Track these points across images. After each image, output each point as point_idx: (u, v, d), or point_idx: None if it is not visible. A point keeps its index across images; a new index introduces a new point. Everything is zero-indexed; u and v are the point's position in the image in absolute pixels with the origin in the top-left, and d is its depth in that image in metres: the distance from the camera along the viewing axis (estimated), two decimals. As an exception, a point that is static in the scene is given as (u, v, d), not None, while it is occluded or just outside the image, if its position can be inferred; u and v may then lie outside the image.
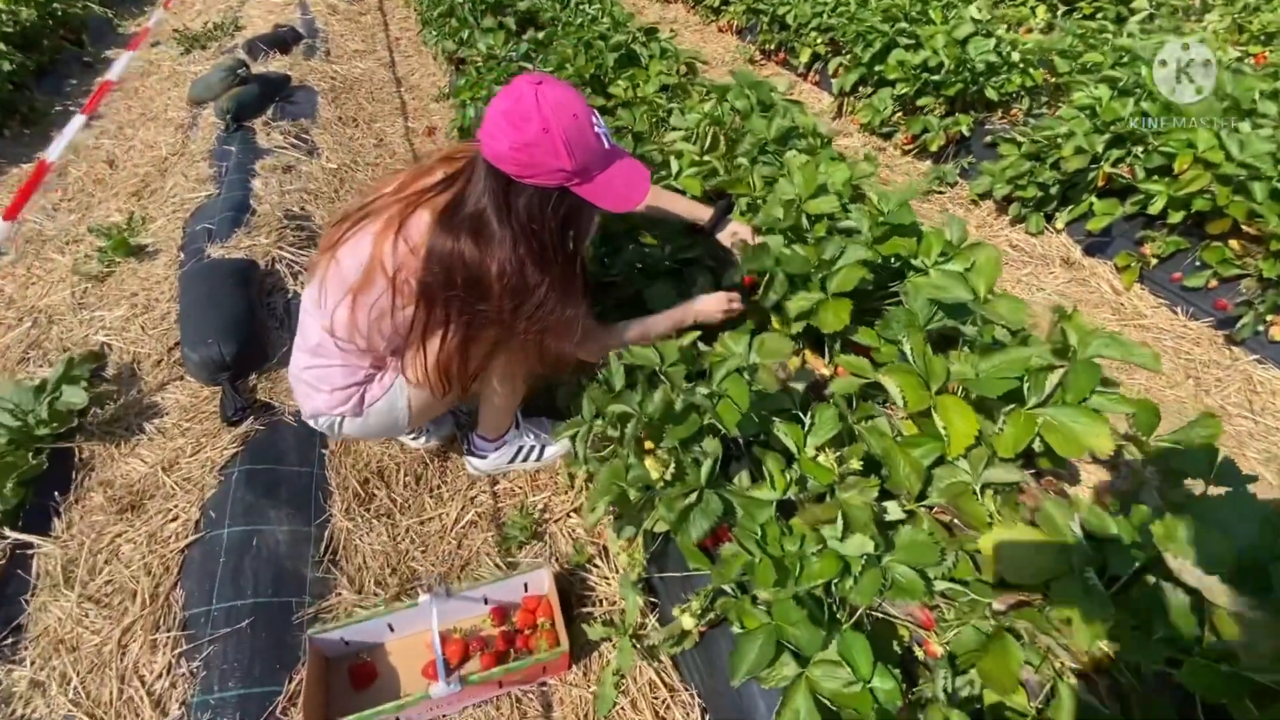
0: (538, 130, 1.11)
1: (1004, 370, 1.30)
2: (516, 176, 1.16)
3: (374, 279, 1.28)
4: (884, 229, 1.74)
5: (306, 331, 1.41)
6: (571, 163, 1.14)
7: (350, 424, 1.47)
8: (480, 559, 1.64)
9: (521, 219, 1.21)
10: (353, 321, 1.31)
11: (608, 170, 1.21)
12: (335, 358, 1.40)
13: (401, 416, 1.50)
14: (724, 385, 1.31)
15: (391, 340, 1.40)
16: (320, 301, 1.35)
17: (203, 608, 1.47)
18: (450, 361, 1.36)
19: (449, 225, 1.23)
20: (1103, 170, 2.50)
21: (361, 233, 1.30)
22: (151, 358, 2.12)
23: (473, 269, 1.22)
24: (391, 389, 1.46)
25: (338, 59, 4.58)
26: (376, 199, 1.34)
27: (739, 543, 1.21)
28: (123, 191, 3.12)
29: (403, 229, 1.25)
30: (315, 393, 1.43)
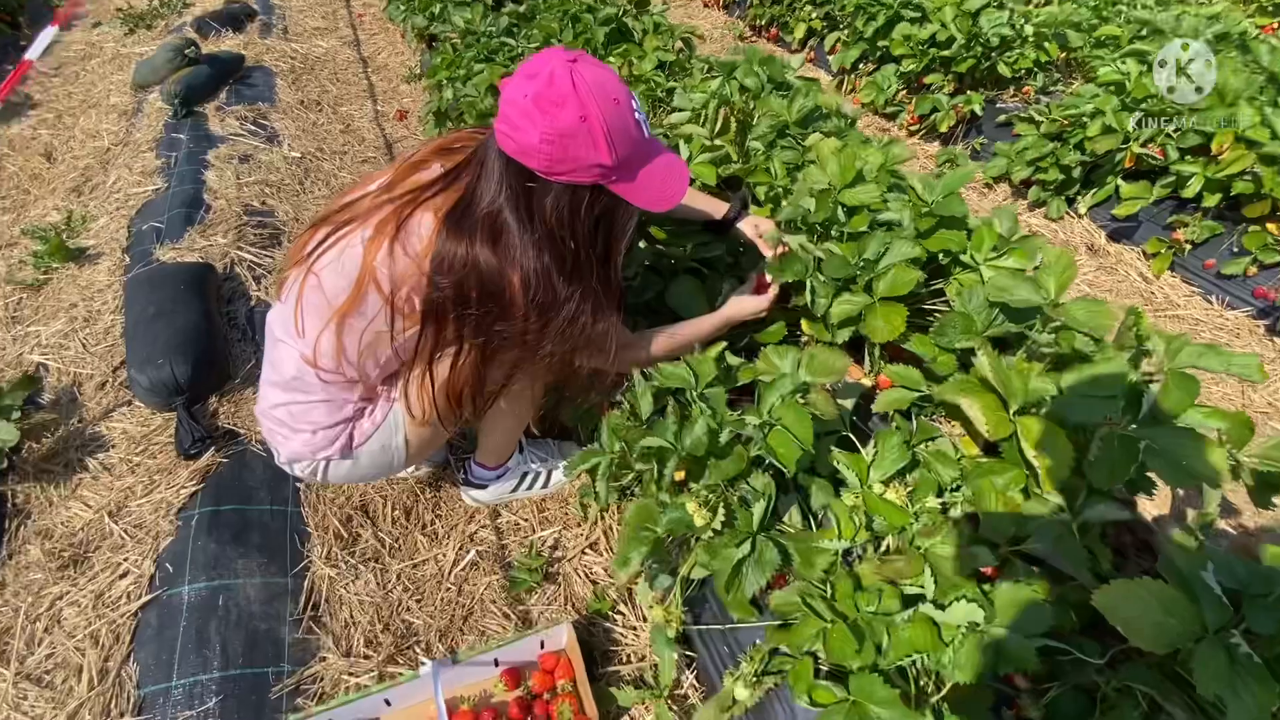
0: (574, 118, 0.91)
1: (1097, 387, 1.12)
2: (544, 172, 0.96)
3: (365, 297, 1.06)
4: (930, 221, 1.55)
5: (279, 363, 1.18)
6: (611, 157, 0.94)
7: (337, 468, 1.25)
8: (485, 607, 1.44)
9: (548, 222, 1.01)
10: (340, 349, 1.09)
11: (649, 165, 1.02)
12: (317, 392, 1.18)
13: (398, 455, 1.29)
14: (777, 413, 1.11)
15: (387, 368, 1.19)
16: (297, 326, 1.12)
17: (161, 685, 1.25)
18: (462, 388, 1.15)
19: (458, 229, 1.01)
20: (1131, 150, 2.35)
21: (346, 241, 1.07)
22: (94, 379, 1.86)
23: (490, 281, 1.02)
24: (385, 424, 1.24)
25: (297, 37, 4.24)
26: (361, 198, 1.11)
27: (804, 602, 1.02)
28: (61, 187, 2.80)
29: (400, 235, 1.03)
30: (293, 434, 1.20)
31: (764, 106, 1.99)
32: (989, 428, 1.10)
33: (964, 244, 1.54)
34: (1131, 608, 0.92)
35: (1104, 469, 1.08)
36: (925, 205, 1.58)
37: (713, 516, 1.06)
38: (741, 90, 2.18)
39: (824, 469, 1.25)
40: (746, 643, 1.21)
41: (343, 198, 1.13)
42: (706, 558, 1.11)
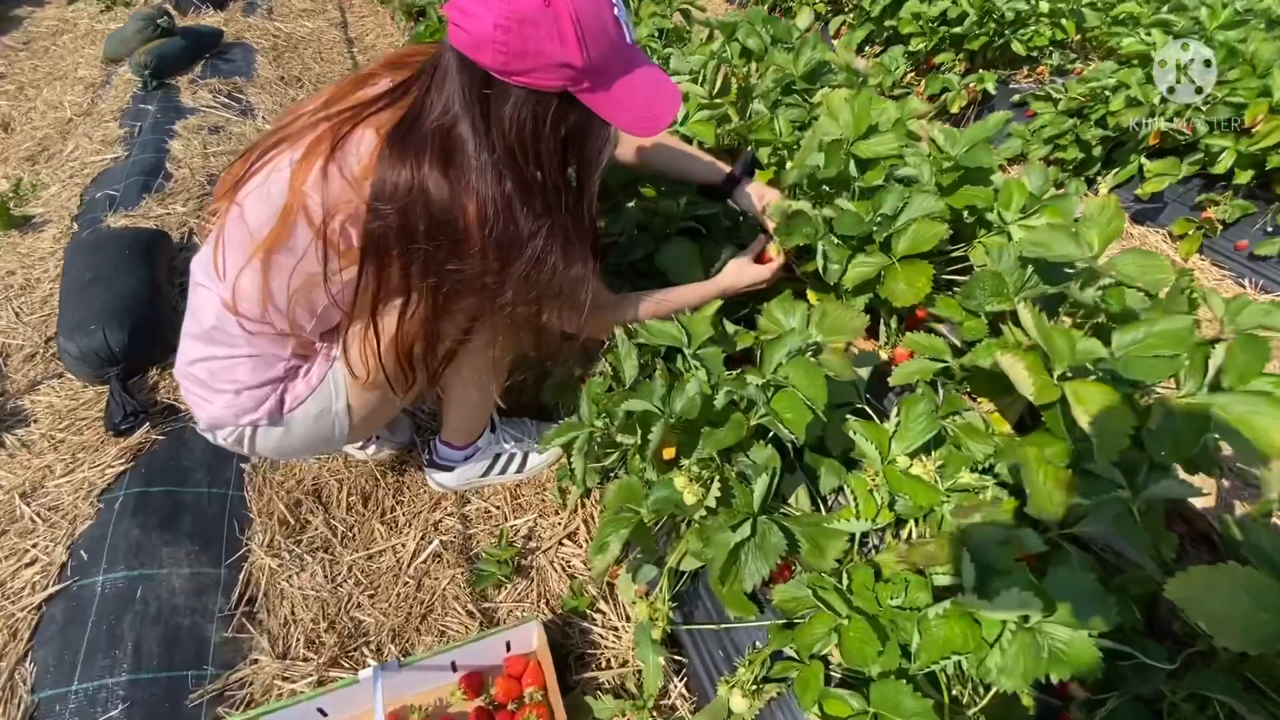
0: (537, 1, 0.73)
1: (1157, 345, 0.96)
2: (500, 71, 0.79)
3: (294, 228, 0.88)
4: (953, 176, 1.39)
5: (197, 310, 1.01)
6: (581, 55, 0.77)
7: (265, 436, 1.07)
8: (447, 604, 1.26)
9: (507, 136, 0.83)
10: (266, 293, 0.92)
11: (629, 75, 0.84)
12: (240, 345, 1.00)
13: (339, 424, 1.10)
14: (783, 372, 0.94)
15: (324, 318, 1.01)
16: (217, 266, 0.95)
17: (60, 689, 1.07)
18: (412, 344, 0.98)
19: (403, 146, 0.84)
20: (1157, 126, 2.20)
21: (273, 165, 0.90)
22: (24, 350, 1.68)
23: (440, 210, 0.84)
24: (323, 387, 1.06)
25: (282, 17, 4.09)
26: (293, 120, 0.94)
27: (815, 595, 0.85)
28: (14, 157, 2.63)
29: (335, 155, 0.86)
30: (213, 394, 1.02)
31: (769, 62, 1.83)
32: (1035, 390, 0.93)
33: (990, 201, 1.38)
34: (1217, 600, 0.76)
35: (1168, 440, 0.92)
36: (948, 158, 1.42)
37: (705, 493, 0.89)
38: (744, 53, 2.03)
39: (835, 446, 1.08)
40: (745, 646, 1.03)
41: (276, 123, 0.97)
42: (699, 545, 0.93)
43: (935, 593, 0.85)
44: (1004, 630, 0.75)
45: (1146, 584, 0.88)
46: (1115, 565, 0.97)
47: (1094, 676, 0.75)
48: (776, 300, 1.11)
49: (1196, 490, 0.89)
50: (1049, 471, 0.86)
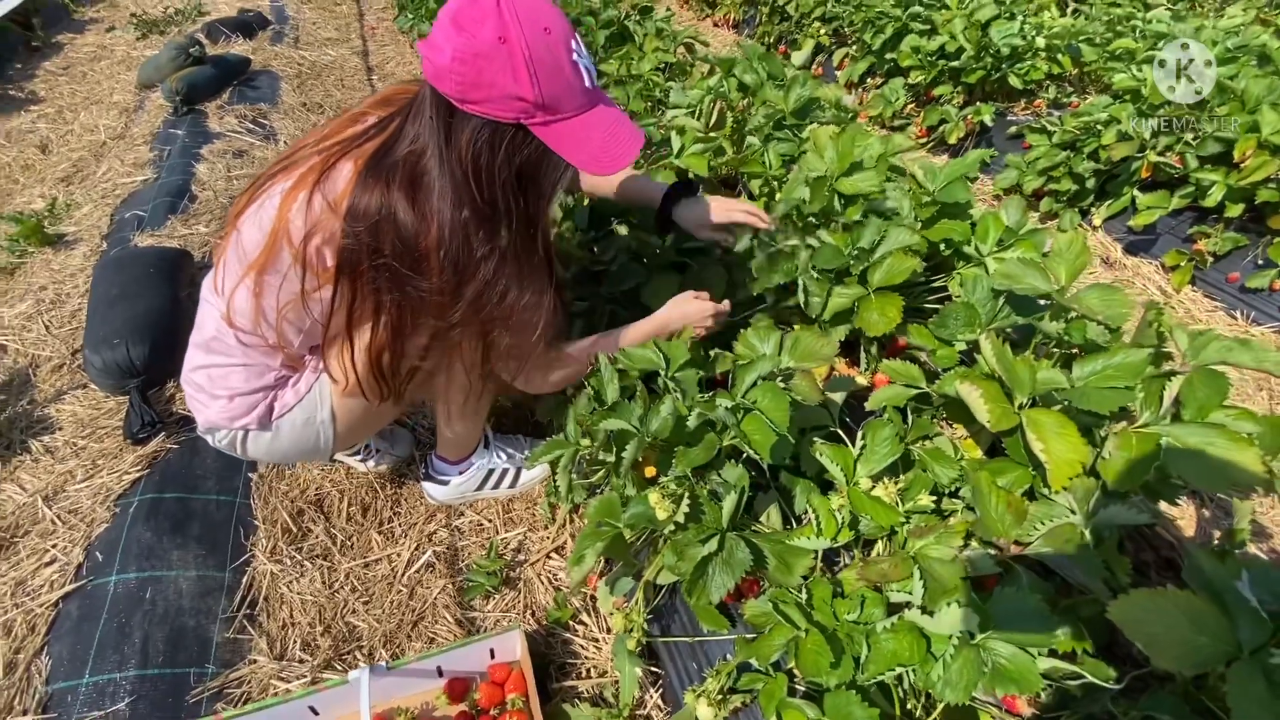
0: (491, 38, 0.81)
1: (1112, 378, 1.01)
2: (458, 99, 0.86)
3: (279, 251, 0.97)
4: (931, 210, 1.45)
5: (202, 323, 1.11)
6: (533, 90, 0.83)
7: (255, 440, 1.15)
8: (437, 613, 1.32)
9: (464, 162, 0.90)
10: (257, 308, 1.01)
11: (585, 115, 0.90)
12: (236, 355, 1.09)
13: (324, 432, 1.18)
14: (752, 396, 1.00)
15: (309, 333, 1.09)
16: (217, 284, 1.05)
17: (72, 681, 1.14)
18: (380, 354, 1.05)
19: (376, 172, 0.92)
20: (1148, 159, 2.25)
21: (266, 193, 1.00)
22: (52, 361, 1.78)
23: (405, 229, 0.92)
24: (309, 396, 1.14)
25: (307, 45, 4.27)
26: (294, 152, 1.03)
27: (776, 608, 0.90)
28: (50, 177, 2.77)
29: (320, 184, 0.95)
30: (211, 400, 1.11)
31: (760, 97, 1.91)
32: (991, 418, 0.98)
33: (968, 234, 1.44)
34: (1154, 622, 0.79)
35: (1121, 467, 0.96)
36: (926, 193, 1.48)
37: (676, 509, 0.94)
38: (740, 88, 2.11)
39: (810, 468, 1.13)
40: (717, 659, 1.08)
41: (283, 155, 1.06)
42: (673, 559, 0.98)
43: (890, 609, 0.90)
44: (949, 645, 0.79)
45: (1097, 607, 0.92)
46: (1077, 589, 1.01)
47: (1035, 692, 0.79)
48: (753, 328, 1.16)
49: (1148, 517, 0.93)
50: (1000, 495, 0.91)
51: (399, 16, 4.38)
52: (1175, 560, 1.20)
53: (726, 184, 1.99)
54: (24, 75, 3.91)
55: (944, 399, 1.19)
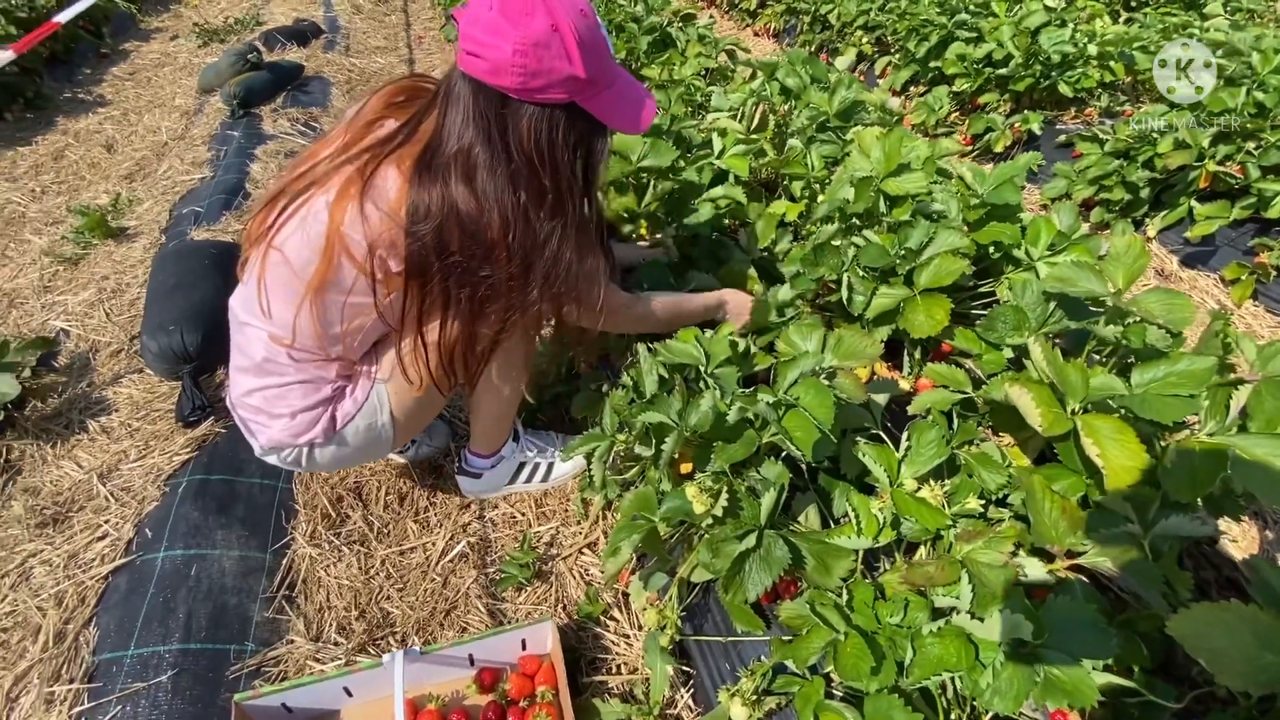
0: (545, 26, 0.84)
1: (1175, 385, 0.96)
2: (517, 91, 0.88)
3: (338, 266, 0.98)
4: (980, 212, 1.42)
5: (246, 346, 1.09)
6: (585, 69, 0.88)
7: (322, 452, 1.16)
8: (469, 602, 1.32)
9: (526, 149, 0.93)
10: (321, 326, 1.02)
11: (617, 84, 0.96)
12: (290, 373, 1.09)
13: (385, 433, 1.19)
14: (794, 392, 0.99)
15: (366, 340, 1.12)
16: (262, 306, 1.03)
17: (117, 653, 1.17)
18: (453, 348, 1.07)
19: (430, 172, 0.94)
20: (1207, 168, 2.17)
21: (308, 208, 0.99)
22: (111, 347, 1.85)
23: (470, 222, 0.94)
24: (368, 403, 1.15)
25: (357, 53, 4.40)
26: (316, 164, 1.03)
27: (813, 609, 0.88)
28: (115, 174, 2.91)
29: (366, 193, 0.95)
30: (271, 420, 1.11)
31: (804, 100, 1.90)
32: (1044, 423, 0.95)
33: (1018, 238, 1.40)
34: (1218, 637, 0.75)
35: (1183, 478, 0.91)
36: (975, 195, 1.45)
37: (713, 503, 0.93)
38: (783, 91, 2.10)
39: (851, 472, 1.11)
40: (751, 660, 1.06)
41: (298, 167, 1.05)
42: (709, 556, 0.97)
43: (935, 614, 0.87)
44: (998, 652, 0.76)
45: (1155, 621, 0.88)
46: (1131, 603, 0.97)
47: (1089, 707, 0.75)
48: (794, 325, 1.15)
49: (1210, 530, 0.88)
50: (1054, 500, 0.87)
51: (445, 25, 4.49)
52: (1239, 580, 1.14)
53: (767, 186, 1.98)
54: (93, 80, 4.12)
55: (990, 405, 1.16)
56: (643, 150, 1.57)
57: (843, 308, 1.42)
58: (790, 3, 4.44)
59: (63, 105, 3.74)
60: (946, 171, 1.63)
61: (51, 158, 3.12)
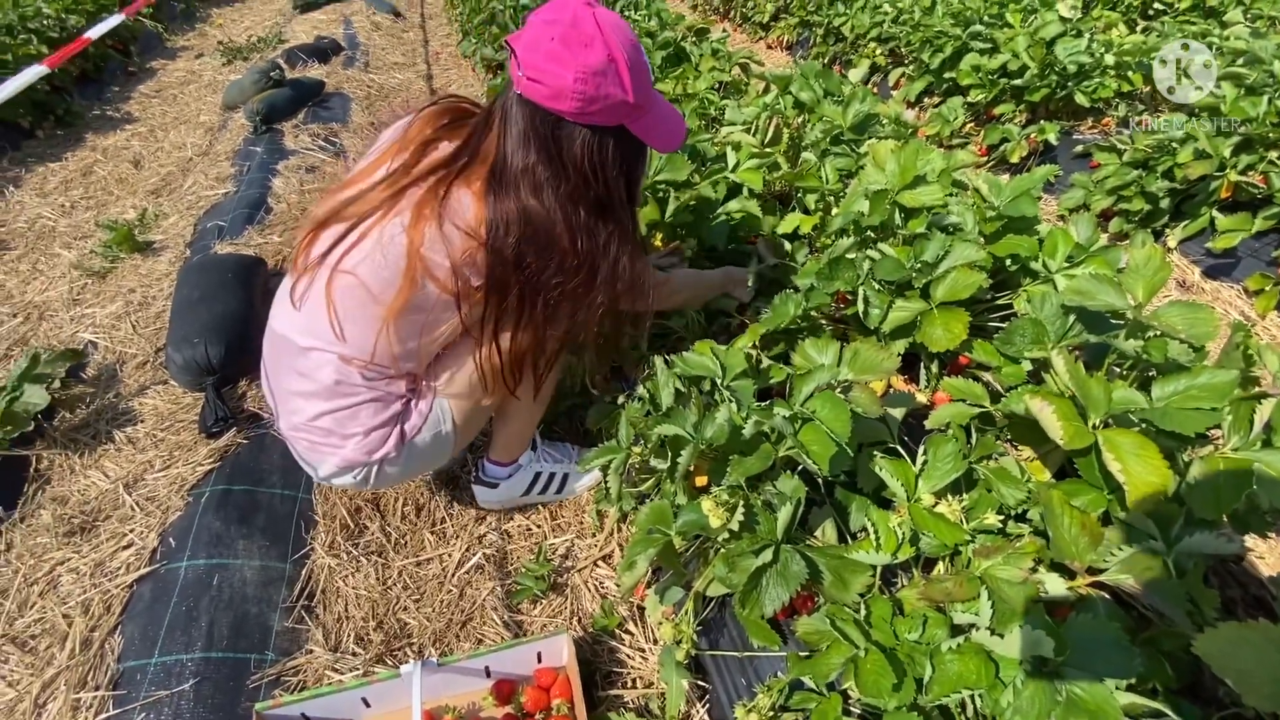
0: (603, 56, 0.90)
1: (1197, 398, 0.95)
2: (573, 115, 0.94)
3: (421, 285, 1.00)
4: (996, 224, 1.42)
5: (311, 371, 1.08)
6: (634, 95, 0.94)
7: (392, 467, 1.18)
8: (485, 614, 1.33)
9: (580, 167, 0.99)
10: (401, 341, 1.06)
11: (657, 107, 1.03)
12: (363, 393, 1.10)
13: (447, 442, 1.22)
14: (811, 406, 0.99)
15: (434, 351, 1.16)
16: (335, 330, 1.03)
17: (142, 660, 1.19)
18: (524, 353, 1.13)
19: (503, 189, 0.99)
20: (1228, 178, 2.14)
21: (381, 231, 1.00)
22: (137, 358, 1.89)
23: (544, 233, 1.00)
24: (433, 414, 1.18)
25: (377, 70, 4.49)
26: (368, 190, 1.04)
27: (833, 625, 0.87)
28: (142, 190, 2.98)
29: (444, 214, 0.98)
30: (344, 440, 1.12)
31: (818, 113, 1.91)
32: (1065, 436, 0.94)
33: (1035, 250, 1.39)
34: (1245, 657, 0.74)
35: (1208, 494, 0.90)
36: (991, 208, 1.45)
37: (730, 517, 0.93)
38: (796, 104, 2.12)
39: (867, 485, 1.10)
40: (767, 676, 1.05)
41: (343, 192, 1.06)
42: (725, 570, 0.97)
43: (954, 630, 0.86)
44: (1019, 670, 0.75)
45: (1180, 640, 0.86)
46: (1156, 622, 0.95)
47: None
48: (811, 339, 1.15)
49: (1236, 548, 0.87)
50: (1074, 516, 0.86)
51: (463, 42, 4.56)
52: (1266, 599, 1.11)
53: (781, 199, 1.99)
54: (121, 97, 4.24)
55: (1009, 419, 1.15)
56: (659, 164, 1.59)
57: (859, 321, 1.41)
58: (803, 15, 4.47)
59: (92, 122, 3.85)
60: (962, 183, 1.63)
61: (81, 173, 3.21)
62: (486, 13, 4.12)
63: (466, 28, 4.55)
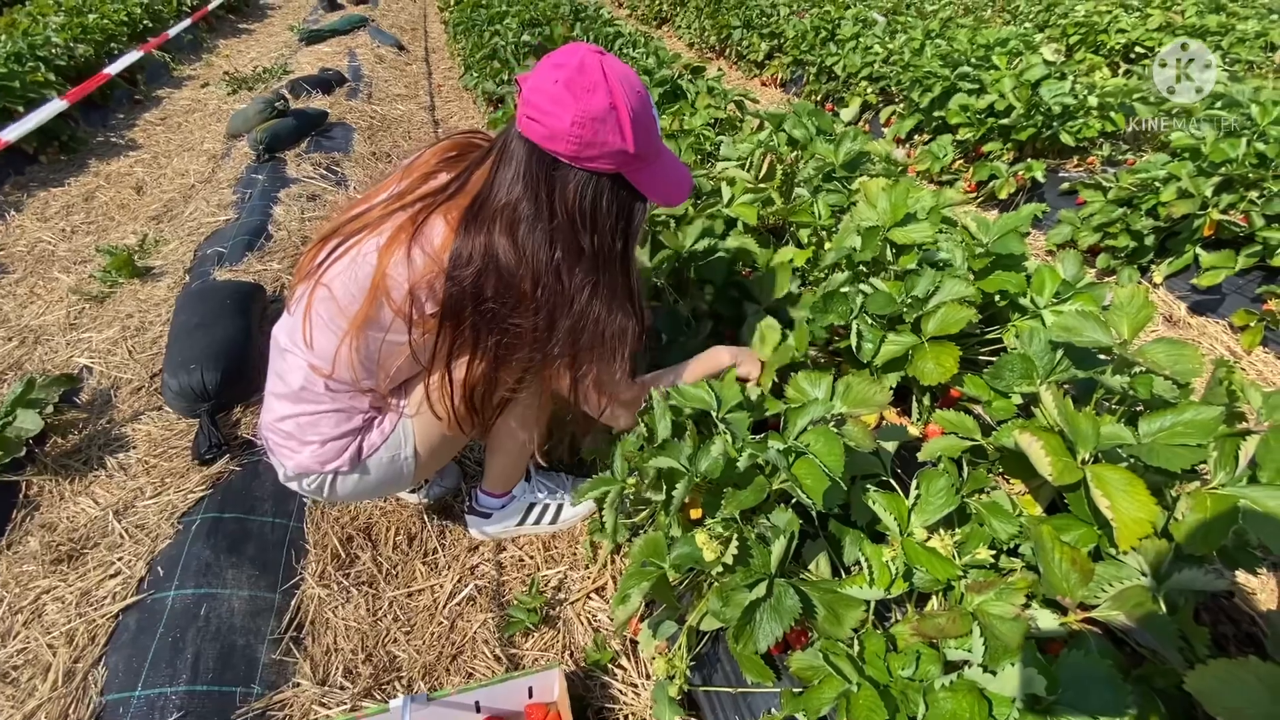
0: (604, 104, 0.91)
1: (1182, 435, 0.97)
2: (570, 158, 0.95)
3: (379, 304, 1.03)
4: (985, 261, 1.45)
5: (285, 373, 1.14)
6: (635, 145, 0.94)
7: (344, 481, 1.19)
8: (476, 647, 1.32)
9: (570, 210, 0.99)
10: (359, 357, 1.07)
11: (660, 159, 1.02)
12: (325, 402, 1.13)
13: (406, 466, 1.22)
14: (804, 439, 1.00)
15: (398, 377, 1.16)
16: (305, 336, 1.09)
17: (125, 693, 1.17)
18: (474, 389, 1.11)
19: (477, 222, 1.00)
20: (1210, 217, 2.19)
21: (359, 249, 1.05)
22: (132, 384, 1.89)
23: (507, 272, 0.99)
24: (394, 435, 1.19)
25: (379, 101, 4.57)
26: (369, 209, 1.09)
27: (827, 660, 0.87)
28: (143, 215, 3.01)
29: (416, 239, 1.01)
30: (301, 446, 1.15)
31: (810, 151, 1.96)
32: (1054, 472, 0.95)
33: (1023, 286, 1.42)
34: (1236, 695, 0.74)
35: (1197, 531, 0.91)
36: (980, 245, 1.48)
37: (724, 550, 0.94)
38: (790, 142, 2.17)
39: (861, 519, 1.11)
40: (761, 712, 1.04)
41: (351, 210, 1.12)
42: (719, 604, 0.97)
43: (947, 666, 0.86)
44: (1012, 708, 0.75)
45: (1173, 678, 0.86)
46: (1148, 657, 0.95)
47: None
48: (804, 372, 1.17)
49: (1225, 584, 0.88)
50: (1065, 552, 0.87)
51: (464, 76, 4.67)
52: (1257, 635, 1.11)
53: (774, 233, 2.03)
54: (125, 124, 4.30)
55: (1000, 452, 1.17)
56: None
57: (852, 354, 1.43)
58: (797, 55, 4.59)
59: (96, 148, 3.90)
60: (952, 220, 1.66)
61: (83, 199, 3.24)
62: (488, 48, 4.23)
63: (469, 62, 4.66)
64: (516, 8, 5.21)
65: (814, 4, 4.99)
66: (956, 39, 3.55)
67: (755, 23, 5.13)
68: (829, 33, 4.41)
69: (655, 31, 7.02)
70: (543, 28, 4.35)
